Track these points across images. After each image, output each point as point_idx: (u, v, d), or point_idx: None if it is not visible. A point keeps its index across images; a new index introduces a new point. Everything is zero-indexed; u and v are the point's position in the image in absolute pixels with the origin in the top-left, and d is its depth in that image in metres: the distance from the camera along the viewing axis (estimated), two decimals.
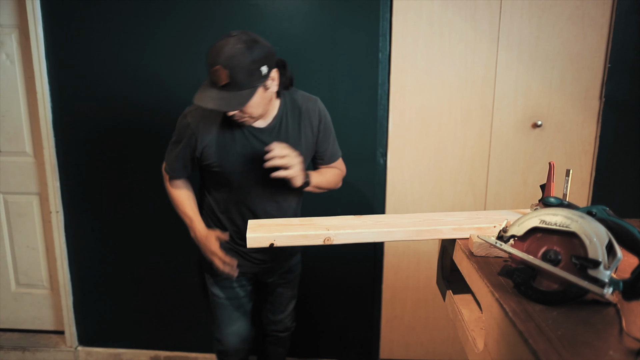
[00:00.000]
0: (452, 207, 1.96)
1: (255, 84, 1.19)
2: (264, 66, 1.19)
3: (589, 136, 1.87)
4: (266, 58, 1.19)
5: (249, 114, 1.25)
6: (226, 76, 1.15)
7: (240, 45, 1.16)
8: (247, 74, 1.16)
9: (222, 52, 1.15)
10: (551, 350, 0.56)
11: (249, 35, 1.19)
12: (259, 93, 1.22)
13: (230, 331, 1.59)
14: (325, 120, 1.44)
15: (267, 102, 1.28)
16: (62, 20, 1.90)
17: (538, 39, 1.80)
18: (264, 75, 1.20)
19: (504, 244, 0.77)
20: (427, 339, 2.11)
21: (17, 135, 2.12)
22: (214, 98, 1.17)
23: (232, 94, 1.17)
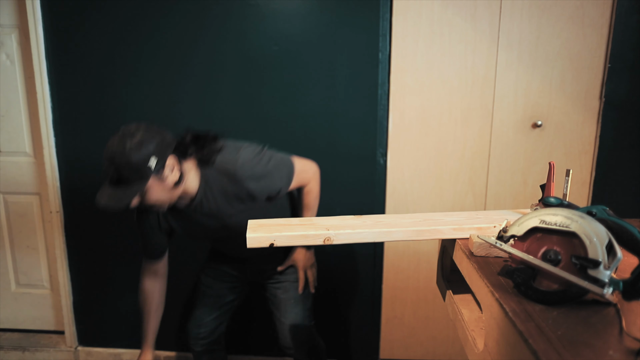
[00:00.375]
0: (452, 207, 1.96)
1: (143, 178, 1.19)
2: (152, 158, 1.19)
3: (589, 136, 1.87)
4: (156, 151, 1.20)
5: (152, 203, 1.27)
6: (113, 172, 1.19)
7: (124, 142, 1.18)
8: (133, 170, 1.18)
9: (108, 150, 1.20)
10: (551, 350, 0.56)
11: (138, 129, 1.21)
12: (155, 184, 1.22)
13: (194, 315, 1.66)
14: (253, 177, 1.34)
15: (169, 190, 1.27)
16: (62, 20, 1.90)
17: (538, 39, 1.80)
18: (154, 168, 1.20)
19: (504, 244, 0.77)
20: (427, 339, 2.11)
21: (17, 135, 2.12)
22: (106, 195, 1.21)
23: (122, 190, 1.20)
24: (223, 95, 1.93)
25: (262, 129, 1.95)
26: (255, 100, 1.92)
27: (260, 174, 1.35)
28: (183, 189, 1.31)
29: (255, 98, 1.92)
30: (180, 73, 1.92)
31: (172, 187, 1.27)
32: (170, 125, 1.97)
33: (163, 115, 1.96)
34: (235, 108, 1.94)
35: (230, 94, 1.93)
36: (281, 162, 1.41)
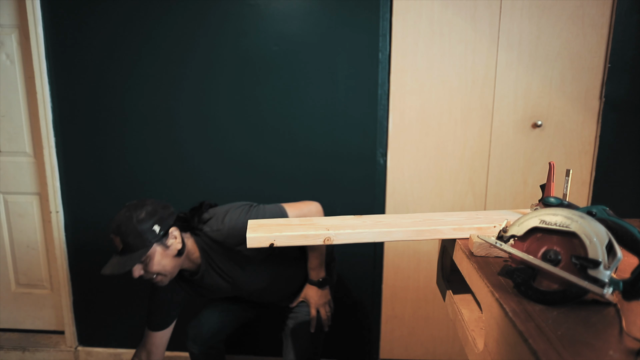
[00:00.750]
0: (452, 207, 1.96)
1: (147, 243, 1.26)
2: (155, 226, 1.27)
3: (589, 136, 1.87)
4: (158, 220, 1.29)
5: (155, 272, 1.31)
6: (119, 242, 1.27)
7: (128, 212, 1.27)
8: (137, 237, 1.25)
9: (113, 222, 1.28)
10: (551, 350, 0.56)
11: (141, 202, 1.31)
12: (158, 252, 1.29)
13: (199, 316, 1.68)
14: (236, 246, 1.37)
15: (171, 260, 1.32)
16: (62, 20, 1.90)
17: (538, 39, 1.80)
18: (157, 234, 1.28)
19: (504, 244, 0.77)
20: (427, 339, 2.11)
21: (17, 135, 2.12)
22: (111, 264, 1.28)
23: (126, 257, 1.27)
24: (222, 95, 1.93)
25: (262, 129, 1.95)
26: (254, 101, 1.92)
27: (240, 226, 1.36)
28: (188, 258, 1.37)
29: (255, 98, 1.92)
30: (180, 73, 1.92)
31: (175, 255, 1.33)
32: (170, 125, 1.98)
33: (162, 115, 1.96)
34: (235, 108, 1.94)
35: (230, 94, 1.93)
36: (271, 213, 1.41)
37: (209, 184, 2.02)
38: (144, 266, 1.29)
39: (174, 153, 1.99)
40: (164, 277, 1.34)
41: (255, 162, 1.98)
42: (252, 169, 1.99)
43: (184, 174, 2.01)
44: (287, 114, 1.93)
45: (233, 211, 1.39)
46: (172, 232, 1.31)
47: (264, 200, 1.99)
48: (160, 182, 2.04)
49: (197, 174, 2.01)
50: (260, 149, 1.97)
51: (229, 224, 1.36)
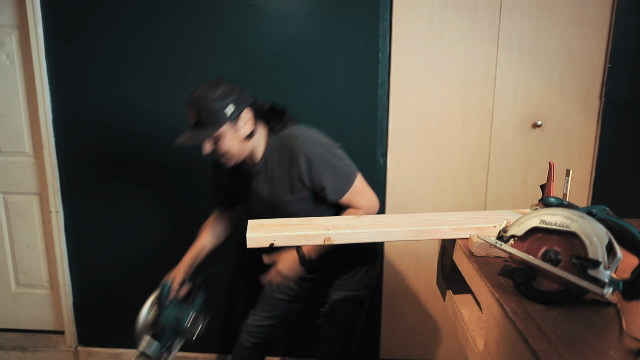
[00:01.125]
0: (452, 207, 1.96)
1: (219, 121, 1.28)
2: (230, 106, 1.29)
3: (589, 136, 1.87)
4: (235, 99, 1.30)
5: (223, 151, 1.33)
6: (193, 116, 1.29)
7: (206, 88, 1.29)
8: (211, 113, 1.27)
9: (192, 96, 1.30)
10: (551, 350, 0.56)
11: (220, 80, 1.33)
12: (229, 131, 1.30)
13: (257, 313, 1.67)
14: (307, 157, 1.33)
15: (240, 142, 1.34)
16: (62, 20, 1.90)
17: (538, 39, 1.80)
18: (230, 114, 1.29)
19: (504, 244, 0.77)
20: (427, 339, 2.11)
21: (17, 135, 2.12)
22: (184, 136, 1.31)
23: (199, 131, 1.29)
24: None
25: None
26: None
27: (315, 159, 1.33)
28: (251, 149, 1.37)
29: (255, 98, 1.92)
30: (180, 73, 1.92)
31: (243, 140, 1.34)
32: (170, 125, 1.98)
33: (163, 115, 1.96)
34: None
35: None
36: (344, 168, 1.37)
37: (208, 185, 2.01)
38: (214, 143, 1.31)
39: (174, 154, 1.99)
40: (230, 159, 1.35)
41: None
42: None
43: (183, 174, 2.01)
44: None
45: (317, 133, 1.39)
46: (245, 115, 1.32)
47: None
48: (160, 183, 2.04)
49: (197, 173, 2.01)
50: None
51: (308, 136, 1.35)
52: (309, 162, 1.33)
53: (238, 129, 1.32)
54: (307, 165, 1.33)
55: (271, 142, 1.40)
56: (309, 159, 1.33)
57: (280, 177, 1.39)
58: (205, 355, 2.20)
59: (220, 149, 1.32)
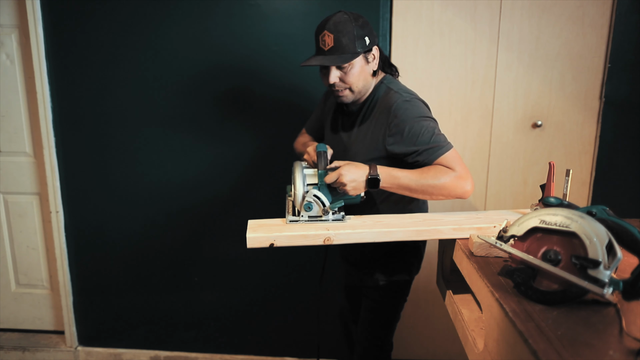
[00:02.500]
0: (452, 207, 1.96)
1: (357, 50, 1.25)
2: (367, 37, 1.27)
3: (589, 136, 1.87)
4: (370, 32, 1.29)
5: (349, 84, 1.29)
6: (331, 40, 1.25)
7: (347, 16, 1.26)
8: (351, 40, 1.24)
9: (329, 21, 1.26)
10: (551, 350, 0.56)
11: (355, 13, 1.30)
12: (360, 63, 1.28)
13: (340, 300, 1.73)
14: (397, 120, 1.25)
15: (367, 77, 1.32)
16: (62, 20, 1.90)
17: (538, 39, 1.80)
18: (367, 45, 1.27)
19: (504, 244, 0.77)
20: (427, 339, 2.11)
21: (17, 135, 2.12)
22: (318, 59, 1.27)
23: (335, 56, 1.25)
24: (223, 95, 1.93)
25: (262, 128, 1.95)
26: (255, 100, 1.92)
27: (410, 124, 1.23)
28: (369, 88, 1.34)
29: (255, 98, 1.92)
30: (180, 73, 1.92)
31: (369, 75, 1.31)
32: (171, 125, 1.98)
33: (163, 115, 1.96)
34: (236, 108, 1.94)
35: (230, 94, 1.93)
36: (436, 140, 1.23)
37: (208, 184, 2.02)
38: (343, 74, 1.27)
39: (174, 153, 1.99)
40: (351, 93, 1.32)
41: (256, 162, 1.98)
42: (253, 168, 1.99)
43: (183, 174, 2.01)
44: (287, 114, 1.93)
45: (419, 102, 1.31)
46: (375, 50, 1.31)
47: (263, 199, 2.00)
48: (159, 183, 2.04)
49: (198, 173, 2.01)
50: (261, 148, 1.97)
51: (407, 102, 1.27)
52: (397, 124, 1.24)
53: (368, 62, 1.30)
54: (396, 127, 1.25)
55: (380, 89, 1.36)
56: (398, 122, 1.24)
57: (366, 131, 1.33)
58: (205, 355, 2.20)
59: (347, 80, 1.28)
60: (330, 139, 1.46)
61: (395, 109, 1.26)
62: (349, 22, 1.25)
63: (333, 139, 1.45)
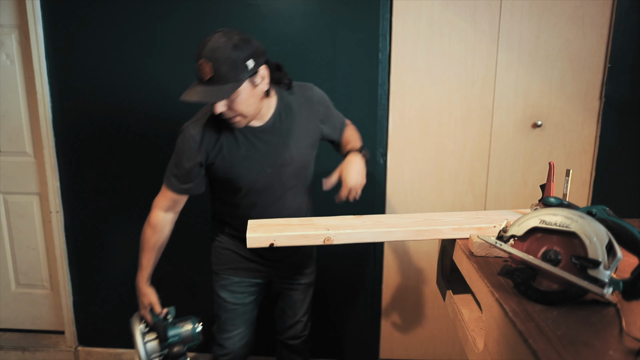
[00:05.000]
0: (452, 207, 1.96)
1: (240, 77, 1.16)
2: (250, 60, 1.17)
3: (589, 136, 1.87)
4: (253, 53, 1.18)
5: (238, 112, 1.21)
6: (210, 69, 1.14)
7: (224, 38, 1.15)
8: (231, 67, 1.14)
9: (206, 46, 1.16)
10: (551, 350, 0.56)
11: (235, 31, 1.19)
12: (247, 89, 1.19)
13: (233, 335, 1.58)
14: (324, 102, 1.44)
15: (257, 100, 1.24)
16: (62, 20, 1.90)
17: (538, 39, 1.80)
18: (250, 69, 1.17)
19: (504, 244, 0.77)
20: (427, 339, 2.11)
21: (17, 135, 2.12)
22: (198, 92, 1.16)
23: (216, 87, 1.15)
24: None
25: None
26: None
27: (330, 106, 1.45)
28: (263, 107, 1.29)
29: None
30: (181, 73, 1.92)
31: (261, 98, 1.25)
32: (169, 124, 1.98)
33: (163, 115, 1.96)
34: None
35: None
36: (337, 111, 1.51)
37: None
38: (230, 102, 1.18)
39: None
40: (243, 119, 1.24)
41: None
42: None
43: None
44: None
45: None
46: (262, 70, 1.22)
47: None
48: (160, 183, 2.04)
49: None
50: None
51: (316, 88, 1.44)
52: (325, 105, 1.43)
53: (256, 86, 1.21)
54: (325, 109, 1.43)
55: (284, 97, 1.35)
56: (325, 103, 1.43)
57: (302, 131, 1.37)
58: (206, 355, 2.20)
59: (235, 108, 1.20)
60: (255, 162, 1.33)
61: (318, 99, 1.41)
62: (227, 48, 1.14)
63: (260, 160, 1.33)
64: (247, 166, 1.33)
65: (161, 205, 1.43)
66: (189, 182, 1.37)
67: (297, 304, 1.64)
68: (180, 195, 1.40)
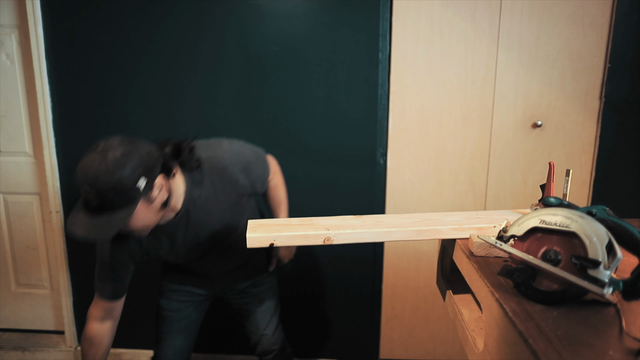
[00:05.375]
0: (452, 207, 1.96)
1: (131, 201, 1.04)
2: (141, 179, 1.04)
3: (589, 136, 1.87)
4: (143, 169, 1.05)
5: (138, 229, 1.11)
6: (95, 197, 1.02)
7: (107, 163, 1.02)
8: (119, 194, 1.01)
9: (87, 172, 1.03)
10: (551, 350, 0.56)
11: (115, 142, 1.06)
12: (142, 208, 1.07)
13: (166, 345, 1.50)
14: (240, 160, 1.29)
15: (155, 214, 1.13)
16: (62, 20, 1.90)
17: (538, 39, 1.80)
18: (142, 190, 1.05)
19: (504, 244, 0.77)
20: (427, 339, 2.11)
21: (17, 135, 2.12)
22: (85, 224, 1.03)
23: (105, 217, 1.03)
24: (223, 95, 1.93)
25: (262, 129, 1.95)
26: (255, 101, 1.93)
27: (247, 163, 1.30)
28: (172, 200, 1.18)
29: (256, 98, 1.92)
30: (181, 73, 1.92)
31: (160, 209, 1.13)
32: (170, 125, 1.98)
33: (163, 115, 1.96)
34: (236, 108, 1.94)
35: (231, 94, 1.93)
36: (256, 150, 1.38)
37: None
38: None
39: None
40: (144, 232, 1.15)
41: None
42: None
43: None
44: (287, 114, 1.93)
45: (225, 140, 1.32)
46: (158, 181, 1.10)
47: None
48: None
49: None
50: None
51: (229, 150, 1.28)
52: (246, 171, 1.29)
53: (153, 200, 1.09)
54: (246, 174, 1.29)
55: (192, 177, 1.22)
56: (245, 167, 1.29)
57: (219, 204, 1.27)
58: (206, 355, 2.20)
59: (132, 226, 1.09)
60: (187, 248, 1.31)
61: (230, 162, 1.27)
62: (109, 173, 1.00)
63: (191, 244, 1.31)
64: (174, 253, 1.31)
65: (95, 315, 1.33)
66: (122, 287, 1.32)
67: (256, 316, 1.56)
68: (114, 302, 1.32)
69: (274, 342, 1.59)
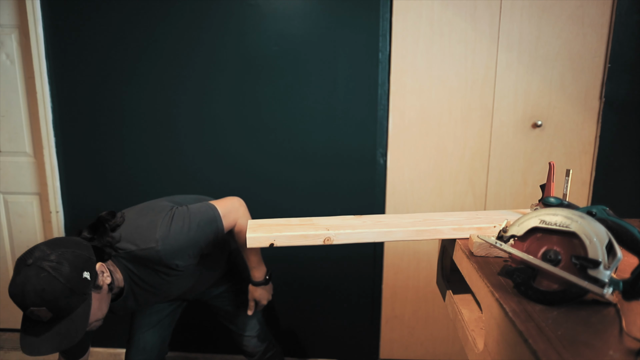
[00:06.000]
0: (452, 207, 1.96)
1: (84, 297, 1.03)
2: (85, 273, 1.03)
3: (589, 136, 1.87)
4: (83, 262, 1.04)
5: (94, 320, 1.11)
6: (46, 312, 0.98)
7: (46, 271, 0.98)
8: (71, 295, 1.00)
9: (27, 291, 0.96)
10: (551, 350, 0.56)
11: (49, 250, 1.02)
12: (95, 299, 1.08)
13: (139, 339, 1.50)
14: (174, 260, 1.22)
15: (107, 296, 1.13)
16: (62, 20, 1.90)
17: (538, 39, 1.80)
18: (90, 281, 1.04)
19: (504, 244, 0.77)
20: (427, 339, 2.11)
21: (17, 135, 2.12)
22: (46, 339, 0.99)
23: (64, 323, 1.00)
24: (222, 96, 1.93)
25: (262, 129, 1.95)
26: (255, 101, 1.93)
27: (186, 246, 1.22)
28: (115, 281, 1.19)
29: (255, 98, 1.92)
30: (180, 73, 1.92)
31: (108, 292, 1.15)
32: (170, 125, 1.98)
33: (162, 115, 1.96)
34: (235, 108, 1.94)
35: (230, 94, 1.93)
36: (204, 219, 1.26)
37: (208, 184, 2.02)
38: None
39: (174, 154, 1.99)
40: (100, 320, 1.15)
41: (255, 162, 1.98)
42: (252, 169, 1.99)
43: (182, 175, 2.01)
44: (287, 114, 1.93)
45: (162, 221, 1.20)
46: (99, 268, 1.10)
47: (262, 200, 2.00)
48: (159, 184, 2.04)
49: (196, 174, 2.01)
50: (260, 149, 1.97)
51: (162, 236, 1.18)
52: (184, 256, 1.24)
53: (101, 287, 1.10)
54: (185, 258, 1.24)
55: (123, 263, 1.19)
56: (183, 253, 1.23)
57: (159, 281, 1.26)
58: (205, 355, 2.20)
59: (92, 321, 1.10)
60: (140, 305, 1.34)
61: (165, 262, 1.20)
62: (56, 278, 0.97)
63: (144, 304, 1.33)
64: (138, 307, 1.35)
65: None
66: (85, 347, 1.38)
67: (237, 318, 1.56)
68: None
69: (258, 343, 1.59)
